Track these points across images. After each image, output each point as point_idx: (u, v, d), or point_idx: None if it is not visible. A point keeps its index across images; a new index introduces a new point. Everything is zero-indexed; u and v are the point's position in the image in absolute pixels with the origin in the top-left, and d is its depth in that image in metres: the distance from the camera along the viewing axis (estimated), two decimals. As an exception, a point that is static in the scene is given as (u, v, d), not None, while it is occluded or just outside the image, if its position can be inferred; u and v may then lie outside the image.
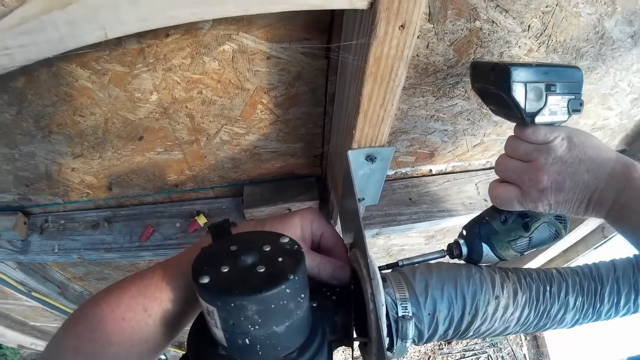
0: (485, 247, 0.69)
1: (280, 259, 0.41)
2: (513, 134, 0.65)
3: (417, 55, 0.77)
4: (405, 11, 0.51)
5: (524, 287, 0.69)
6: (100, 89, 0.76)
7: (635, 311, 0.75)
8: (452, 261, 0.72)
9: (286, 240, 0.45)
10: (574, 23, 0.78)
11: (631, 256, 0.72)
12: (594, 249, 1.73)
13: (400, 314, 0.60)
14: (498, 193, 0.65)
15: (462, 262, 0.73)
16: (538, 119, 0.61)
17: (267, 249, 0.43)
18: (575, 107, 0.62)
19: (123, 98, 0.77)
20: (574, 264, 1.84)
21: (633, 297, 0.73)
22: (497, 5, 0.71)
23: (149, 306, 0.50)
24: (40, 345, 2.80)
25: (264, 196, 1.00)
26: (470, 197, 1.06)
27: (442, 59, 0.79)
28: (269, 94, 0.79)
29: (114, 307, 0.49)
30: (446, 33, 0.74)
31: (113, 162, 0.93)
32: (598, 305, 0.72)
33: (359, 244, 0.61)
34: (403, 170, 1.08)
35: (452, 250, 0.71)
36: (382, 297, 0.55)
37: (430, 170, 1.10)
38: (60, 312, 1.50)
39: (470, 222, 0.73)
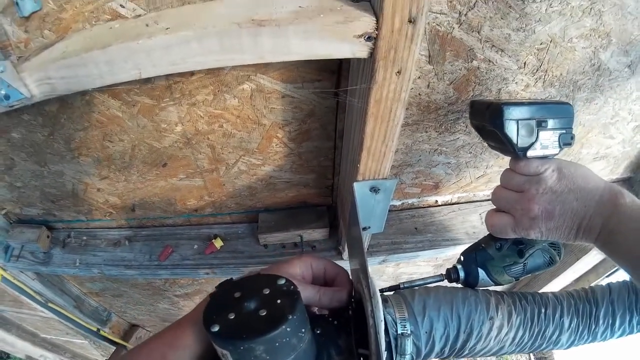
0: (481, 272, 0.73)
1: (279, 301, 0.46)
2: (508, 167, 0.70)
3: (418, 94, 0.83)
4: (401, 59, 0.58)
5: (519, 309, 0.74)
6: (129, 118, 0.83)
7: (631, 332, 0.79)
8: (450, 285, 0.77)
9: (282, 281, 0.50)
10: (569, 57, 0.83)
11: (627, 279, 0.76)
12: (606, 277, 1.74)
13: (399, 332, 0.65)
14: (493, 222, 0.70)
15: (459, 285, 0.78)
16: (530, 153, 0.66)
17: (267, 292, 0.48)
18: (566, 140, 0.67)
19: (150, 128, 0.85)
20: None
21: (628, 318, 0.76)
22: (493, 46, 0.76)
23: (179, 357, 0.55)
24: (49, 358, 2.85)
25: (277, 223, 1.06)
26: (474, 227, 1.10)
27: (443, 97, 0.84)
28: (284, 129, 0.86)
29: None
30: (445, 73, 0.80)
31: (137, 185, 1.00)
32: (593, 327, 0.76)
33: (362, 267, 0.67)
34: (410, 201, 1.13)
35: (450, 274, 0.76)
36: (381, 314, 0.60)
37: (436, 201, 1.15)
38: (74, 325, 1.54)
39: (467, 248, 0.78)
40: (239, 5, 0.57)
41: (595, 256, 1.46)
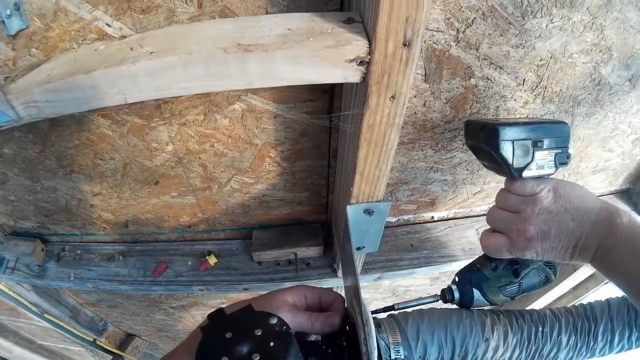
0: (476, 293, 0.73)
1: (272, 344, 0.45)
2: (504, 187, 0.69)
3: (414, 112, 0.81)
4: (395, 84, 0.55)
5: (515, 329, 0.72)
6: (119, 137, 0.82)
7: (630, 348, 0.77)
8: (445, 305, 0.76)
9: (275, 320, 0.49)
10: (569, 73, 0.81)
11: (626, 296, 0.75)
12: (604, 284, 1.73)
13: (392, 357, 0.64)
14: (489, 242, 0.69)
15: (454, 306, 0.77)
16: (526, 173, 0.65)
17: (259, 334, 0.47)
18: (562, 160, 0.66)
19: (141, 147, 0.84)
20: (585, 300, 1.83)
21: (627, 334, 0.75)
22: (491, 63, 0.75)
23: None
24: (46, 364, 2.84)
25: (271, 240, 1.05)
26: (470, 243, 1.09)
27: (439, 115, 0.83)
28: (276, 149, 0.85)
29: None
30: (442, 91, 0.78)
31: (130, 202, 0.99)
32: (592, 344, 0.75)
33: (355, 291, 0.65)
34: (405, 217, 1.12)
35: (445, 295, 0.76)
36: (374, 341, 0.59)
37: (432, 217, 1.13)
38: (71, 335, 1.54)
39: (462, 269, 0.77)
40: (225, 27, 0.56)
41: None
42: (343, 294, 0.92)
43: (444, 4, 0.64)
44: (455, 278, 0.77)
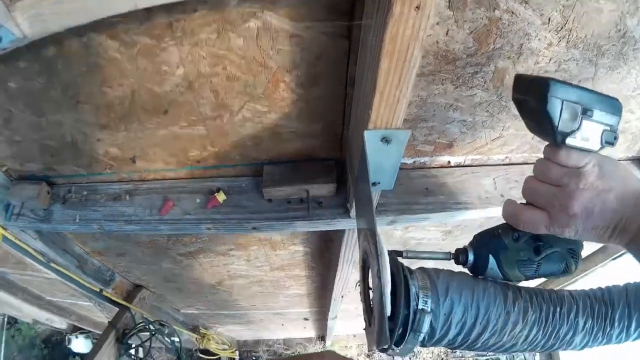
0: (492, 260, 0.69)
1: None
2: (543, 157, 0.65)
3: (436, 41, 0.77)
4: None
5: (535, 306, 0.70)
6: (128, 61, 0.79)
7: None
8: (456, 267, 0.73)
9: None
10: (595, 19, 0.77)
11: None
12: (612, 260, 1.70)
13: (420, 307, 0.62)
14: (526, 217, 0.65)
15: (465, 270, 0.73)
16: (569, 141, 0.60)
17: None
18: (609, 139, 0.62)
19: (150, 70, 0.80)
20: (592, 274, 1.81)
21: None
22: (518, -5, 0.71)
23: None
24: (55, 321, 2.89)
25: (283, 176, 1.02)
26: (487, 192, 1.05)
27: (462, 47, 0.79)
28: (291, 73, 0.81)
29: None
30: (465, 21, 0.74)
31: (138, 134, 0.96)
32: (608, 329, 0.72)
33: (370, 224, 0.63)
34: (421, 160, 1.08)
35: (459, 255, 0.72)
36: (388, 275, 0.57)
37: (449, 162, 1.10)
38: (77, 286, 1.54)
39: (482, 231, 0.73)
40: None
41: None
42: (356, 236, 0.90)
43: None
44: (473, 240, 0.73)
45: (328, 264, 1.73)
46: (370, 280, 0.68)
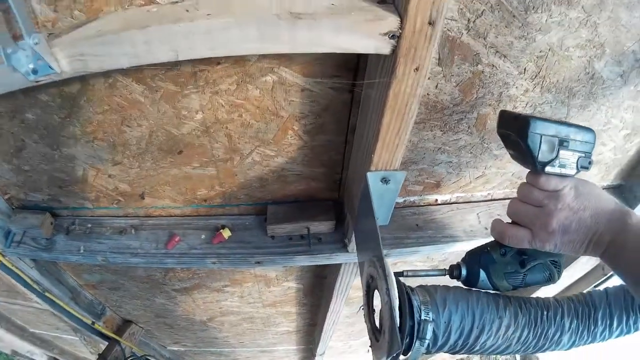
0: (483, 274, 0.78)
1: None
2: (526, 182, 0.75)
3: (427, 94, 0.88)
4: (419, 57, 0.63)
5: (524, 311, 0.79)
6: (151, 104, 0.85)
7: (629, 332, 0.85)
8: (452, 282, 0.82)
9: None
10: (566, 65, 0.89)
11: (623, 284, 0.82)
12: (594, 287, 1.80)
13: (422, 317, 0.70)
14: (511, 233, 0.74)
15: (459, 283, 0.82)
16: (548, 169, 0.70)
17: None
18: (584, 164, 0.71)
19: (170, 114, 0.87)
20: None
21: (625, 318, 0.83)
22: (497, 51, 0.82)
23: None
24: (36, 353, 2.81)
25: (285, 215, 1.09)
26: (471, 226, 1.15)
27: (449, 97, 0.90)
28: (300, 122, 0.90)
29: None
30: (452, 75, 0.85)
31: (150, 172, 1.02)
32: (592, 328, 0.82)
33: (377, 250, 0.72)
34: (411, 199, 1.18)
35: (453, 271, 0.80)
36: (395, 292, 0.65)
37: (436, 200, 1.20)
38: (69, 318, 1.53)
39: (473, 249, 0.83)
40: None
41: (584, 265, 1.52)
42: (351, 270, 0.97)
43: (458, -5, 0.72)
44: (465, 256, 0.82)
45: (318, 301, 1.79)
46: (375, 302, 0.76)
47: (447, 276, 0.82)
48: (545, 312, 0.81)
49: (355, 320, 2.05)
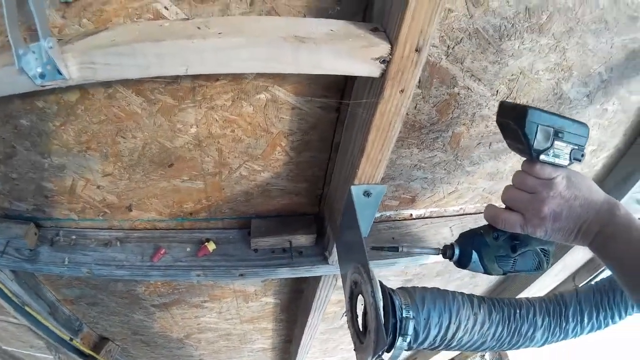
0: (475, 255, 0.81)
1: None
2: (521, 169, 0.78)
3: (407, 114, 0.94)
4: (406, 80, 0.71)
5: (498, 309, 0.87)
6: (148, 116, 0.88)
7: (600, 327, 0.93)
8: (444, 261, 0.87)
9: None
10: (535, 87, 0.98)
11: (592, 283, 0.90)
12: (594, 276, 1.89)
13: (404, 315, 0.76)
14: (504, 217, 0.76)
15: (452, 263, 0.85)
16: (542, 157, 0.73)
17: None
18: (577, 156, 0.76)
19: (166, 127, 0.91)
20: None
21: (595, 314, 0.91)
22: (472, 75, 0.91)
23: None
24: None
25: (269, 228, 1.14)
26: (445, 239, 1.23)
27: (427, 117, 0.98)
28: (288, 139, 0.96)
29: None
30: (431, 97, 0.93)
31: (139, 184, 1.05)
32: (564, 324, 0.91)
33: (361, 256, 0.77)
34: (388, 214, 1.25)
35: (447, 250, 0.84)
36: (379, 293, 0.71)
37: (411, 215, 1.27)
38: (46, 333, 1.51)
39: (466, 231, 0.86)
40: (280, 23, 0.69)
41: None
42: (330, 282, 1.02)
43: (440, 25, 0.80)
44: (458, 237, 0.85)
45: (295, 317, 1.83)
46: (358, 307, 0.81)
47: (440, 255, 0.86)
48: (518, 310, 0.88)
49: (330, 336, 2.08)
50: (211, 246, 1.15)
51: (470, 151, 1.11)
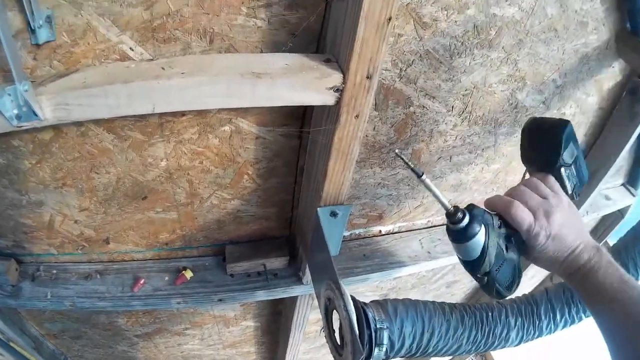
0: (482, 230, 0.75)
1: None
2: (534, 177, 0.82)
3: (366, 135, 1.01)
4: (359, 105, 0.78)
5: (470, 313, 0.92)
6: (119, 152, 0.92)
7: (573, 322, 0.98)
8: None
9: None
10: (490, 100, 1.04)
11: (561, 282, 0.96)
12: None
13: (378, 326, 0.81)
14: (518, 208, 0.77)
15: (456, 229, 0.78)
16: (561, 171, 0.80)
17: None
18: (578, 191, 0.84)
19: (137, 162, 0.95)
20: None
21: (567, 310, 0.97)
22: (426, 94, 0.97)
23: None
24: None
25: (242, 254, 1.19)
26: (414, 251, 1.29)
27: (386, 137, 1.04)
28: (254, 166, 1.02)
29: None
30: (388, 118, 0.99)
31: (115, 217, 1.08)
32: (537, 322, 0.96)
33: (332, 275, 0.82)
34: (357, 232, 1.30)
35: (457, 212, 0.76)
36: (352, 307, 0.75)
37: (380, 231, 1.32)
38: None
39: (475, 205, 0.82)
40: (238, 59, 0.75)
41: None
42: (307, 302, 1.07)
43: (391, 49, 0.87)
44: (469, 206, 0.78)
45: (276, 339, 1.85)
46: (334, 322, 0.86)
47: (446, 214, 0.78)
48: (490, 313, 0.93)
49: (313, 355, 2.10)
50: (188, 274, 1.18)
51: (432, 165, 1.17)
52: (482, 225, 0.75)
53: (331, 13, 0.76)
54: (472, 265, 0.77)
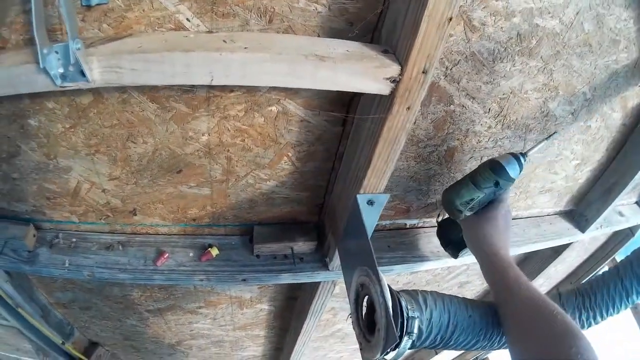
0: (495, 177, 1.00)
1: None
2: None
3: (407, 129, 1.01)
4: (412, 98, 0.77)
5: (489, 312, 0.93)
6: (160, 123, 0.90)
7: (582, 328, 1.05)
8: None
9: None
10: (524, 105, 1.06)
11: (574, 286, 1.03)
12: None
13: (410, 315, 0.82)
14: None
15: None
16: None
17: None
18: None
19: (177, 134, 0.93)
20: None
21: (577, 315, 1.05)
22: (467, 94, 0.98)
23: None
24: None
25: (271, 235, 1.18)
26: (437, 247, 1.28)
27: (424, 132, 1.04)
28: (295, 149, 1.01)
29: None
30: (429, 113, 1.00)
31: (146, 189, 1.07)
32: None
33: (370, 261, 0.82)
34: (383, 223, 1.30)
35: (515, 158, 1.01)
36: (387, 293, 0.76)
37: (405, 224, 1.32)
38: (38, 337, 1.51)
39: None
40: (300, 41, 0.74)
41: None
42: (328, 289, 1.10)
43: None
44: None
45: (287, 324, 1.86)
46: (364, 308, 0.87)
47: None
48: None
49: (321, 344, 2.12)
50: (214, 251, 1.17)
51: (463, 164, 1.17)
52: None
53: (390, 7, 0.76)
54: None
